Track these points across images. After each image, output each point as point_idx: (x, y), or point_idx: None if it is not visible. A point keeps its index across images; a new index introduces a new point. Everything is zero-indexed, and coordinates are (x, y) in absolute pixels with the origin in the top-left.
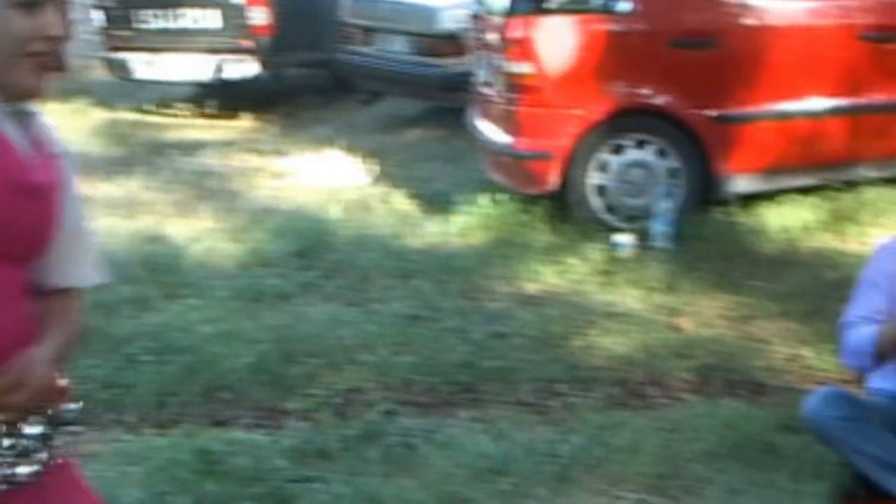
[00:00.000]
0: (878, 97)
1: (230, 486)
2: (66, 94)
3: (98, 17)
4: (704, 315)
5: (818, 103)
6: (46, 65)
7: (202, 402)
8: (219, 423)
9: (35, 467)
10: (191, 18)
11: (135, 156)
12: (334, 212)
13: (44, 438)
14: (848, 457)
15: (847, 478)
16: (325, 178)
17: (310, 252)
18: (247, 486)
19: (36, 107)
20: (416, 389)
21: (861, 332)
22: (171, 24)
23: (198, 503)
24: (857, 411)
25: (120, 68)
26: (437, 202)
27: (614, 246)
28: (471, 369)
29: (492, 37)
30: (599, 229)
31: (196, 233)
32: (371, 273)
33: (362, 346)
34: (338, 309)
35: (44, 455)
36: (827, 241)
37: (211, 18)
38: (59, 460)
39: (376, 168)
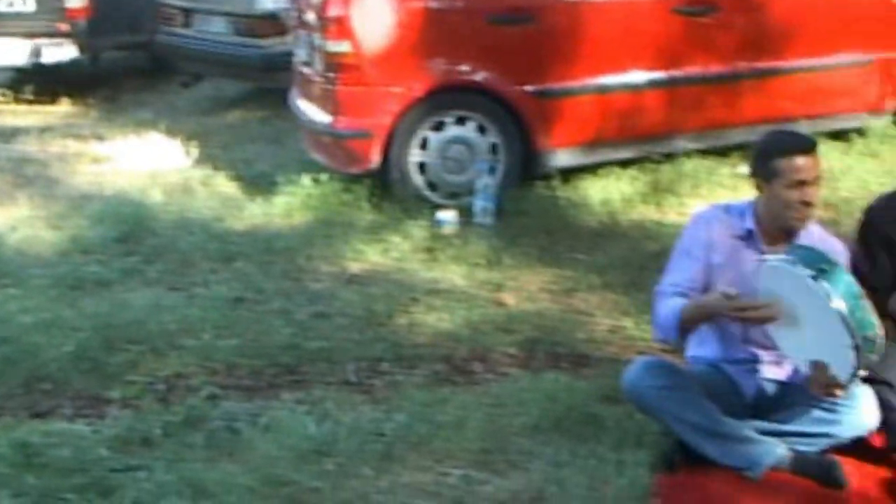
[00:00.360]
0: (693, 70)
1: (51, 478)
2: None
3: None
4: (527, 289)
5: (636, 77)
6: None
7: (22, 393)
8: (39, 415)
9: None
10: (5, 2)
11: None
12: (155, 196)
13: None
14: (668, 425)
15: (668, 445)
16: (145, 162)
17: (131, 237)
18: (68, 477)
19: None
20: (239, 373)
21: (668, 305)
22: None
23: (17, 497)
24: (675, 380)
25: None
26: (259, 183)
27: (437, 223)
28: (295, 351)
29: (310, 16)
30: (422, 207)
31: (14, 221)
32: (193, 257)
33: (185, 330)
34: (160, 294)
35: None
36: (647, 212)
37: (26, 2)
38: None
39: (198, 151)
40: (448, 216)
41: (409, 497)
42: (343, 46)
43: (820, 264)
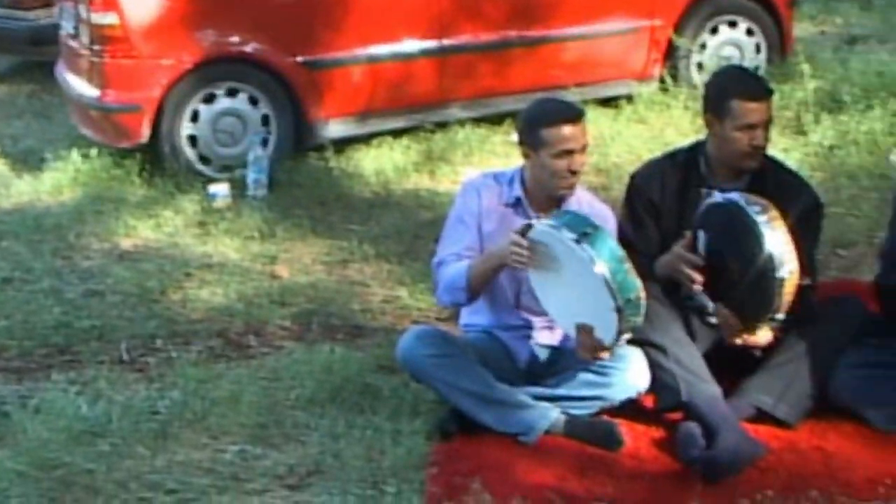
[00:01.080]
0: (463, 38)
1: None
2: None
3: None
4: (302, 261)
5: (407, 46)
6: None
7: None
8: None
9: None
10: None
11: None
12: None
13: None
14: (443, 393)
15: (444, 414)
16: None
17: None
18: None
19: None
20: (8, 354)
21: (453, 268)
22: None
23: None
24: (448, 348)
25: None
26: (26, 160)
27: (209, 196)
28: (66, 330)
29: None
30: (194, 180)
31: None
32: None
33: None
34: None
35: None
36: (420, 181)
37: None
38: None
39: None
40: (220, 189)
41: (186, 475)
42: (109, 18)
43: (583, 228)
